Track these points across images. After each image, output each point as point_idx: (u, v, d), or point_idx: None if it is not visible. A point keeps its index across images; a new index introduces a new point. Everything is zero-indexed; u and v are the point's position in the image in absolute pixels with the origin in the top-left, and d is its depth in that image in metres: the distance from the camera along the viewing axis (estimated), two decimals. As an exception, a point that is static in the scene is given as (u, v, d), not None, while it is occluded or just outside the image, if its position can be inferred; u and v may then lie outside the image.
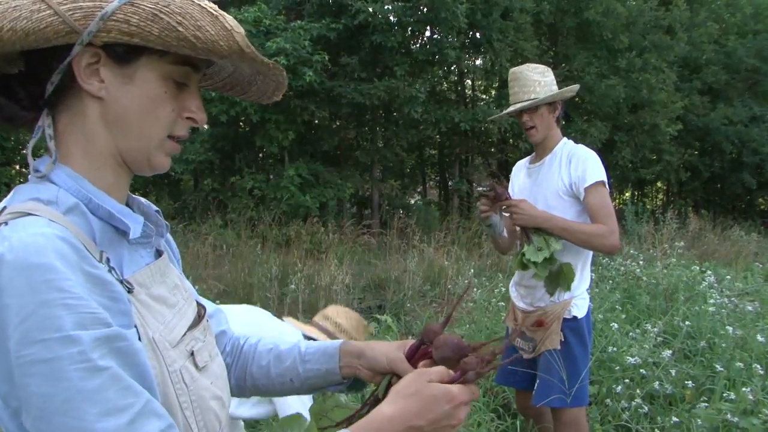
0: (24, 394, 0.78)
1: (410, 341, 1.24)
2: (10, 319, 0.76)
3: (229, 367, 1.32)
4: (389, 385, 1.18)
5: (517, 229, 3.08)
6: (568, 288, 2.97)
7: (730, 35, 22.48)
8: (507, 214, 3.07)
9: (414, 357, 1.20)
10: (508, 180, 3.46)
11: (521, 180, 3.32)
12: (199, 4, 0.88)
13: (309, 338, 2.99)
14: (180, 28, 0.85)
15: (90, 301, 0.80)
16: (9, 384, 0.79)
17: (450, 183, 21.25)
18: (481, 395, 4.10)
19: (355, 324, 3.09)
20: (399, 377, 1.16)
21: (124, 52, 0.91)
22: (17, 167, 14.66)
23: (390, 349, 1.23)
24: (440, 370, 1.06)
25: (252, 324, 2.91)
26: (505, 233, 3.26)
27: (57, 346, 0.76)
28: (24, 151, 0.96)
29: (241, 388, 1.34)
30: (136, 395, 0.81)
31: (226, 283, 8.56)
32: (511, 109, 3.11)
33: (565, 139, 3.18)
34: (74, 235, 0.84)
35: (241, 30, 0.91)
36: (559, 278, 2.97)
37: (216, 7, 0.90)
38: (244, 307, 3.25)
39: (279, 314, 7.26)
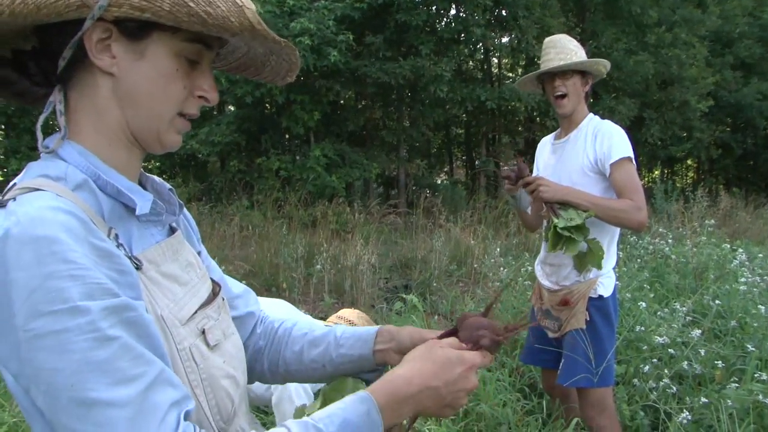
0: (31, 371, 0.77)
1: (439, 332, 1.24)
2: (18, 294, 0.76)
3: (262, 351, 1.32)
4: None
5: (544, 207, 3.03)
6: (599, 266, 2.93)
7: (765, 7, 21.93)
8: (530, 193, 3.01)
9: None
10: (534, 158, 3.42)
11: (546, 156, 3.28)
12: None
13: None
14: (191, 4, 0.84)
15: (97, 272, 0.79)
16: (18, 362, 0.79)
17: (477, 162, 21.16)
18: (507, 375, 4.09)
19: (365, 322, 3.31)
20: None
21: (135, 28, 0.91)
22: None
23: (415, 331, 1.25)
24: (450, 341, 1.10)
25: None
26: (529, 210, 3.23)
27: (65, 318, 0.76)
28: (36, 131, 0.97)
29: (274, 373, 1.33)
30: (149, 363, 0.81)
31: (252, 264, 8.62)
32: (545, 69, 3.04)
33: (591, 114, 3.12)
34: (82, 210, 0.84)
35: (252, 6, 0.89)
36: (587, 256, 2.93)
37: None
38: (275, 301, 3.28)
39: (305, 294, 7.33)
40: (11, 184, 0.90)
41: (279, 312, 3.06)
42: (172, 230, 1.11)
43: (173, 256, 1.04)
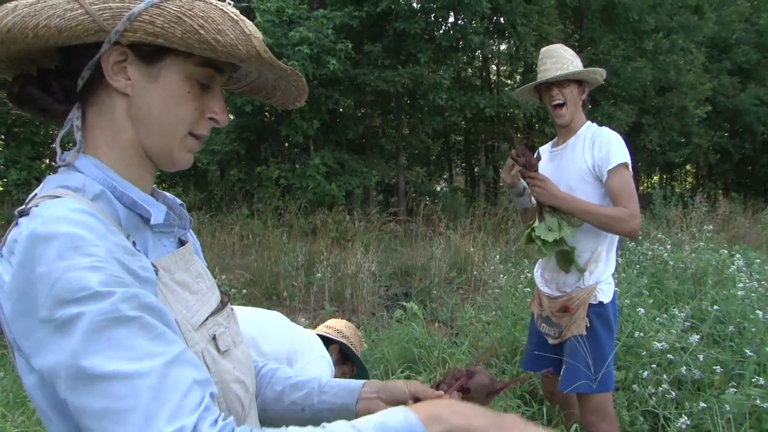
0: (54, 358, 0.79)
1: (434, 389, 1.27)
2: (42, 287, 0.79)
3: None
4: None
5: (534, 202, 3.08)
6: (567, 270, 2.97)
7: (761, 13, 22.05)
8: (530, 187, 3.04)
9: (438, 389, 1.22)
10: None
11: (543, 164, 3.30)
12: (221, 9, 0.92)
13: (323, 337, 3.18)
14: (201, 31, 0.90)
15: (117, 267, 0.83)
16: (43, 354, 0.81)
17: (476, 169, 21.19)
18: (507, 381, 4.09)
19: (353, 332, 3.36)
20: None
21: (149, 52, 0.96)
22: (47, 161, 14.85)
23: (410, 381, 1.28)
24: None
25: (259, 328, 2.92)
26: (533, 201, 3.24)
27: (86, 303, 0.79)
28: (53, 146, 1.02)
29: None
30: (170, 343, 0.83)
31: (253, 273, 8.63)
32: (543, 79, 3.08)
33: (588, 122, 3.16)
34: (102, 215, 0.88)
35: (260, 35, 0.94)
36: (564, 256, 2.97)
37: (237, 12, 0.94)
38: (270, 312, 3.28)
39: (306, 302, 7.33)
40: (32, 195, 0.95)
41: (273, 324, 3.08)
42: (181, 243, 1.15)
43: (185, 266, 1.08)
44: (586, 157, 3.01)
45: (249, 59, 0.94)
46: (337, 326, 3.33)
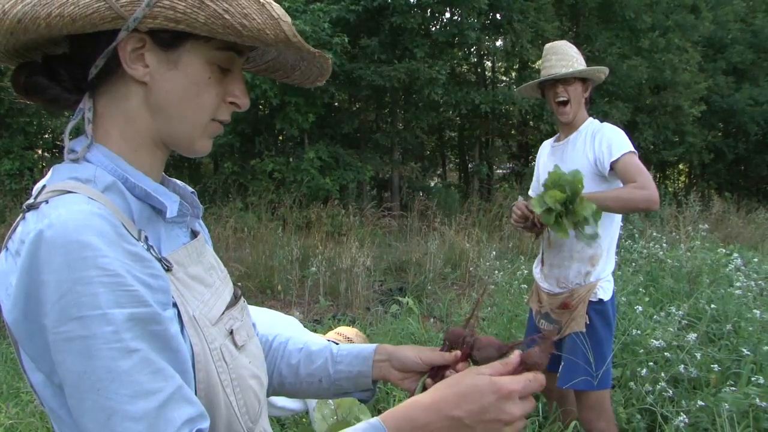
0: (61, 371, 0.79)
1: (436, 348, 1.23)
2: (48, 296, 0.77)
3: None
4: (425, 388, 1.16)
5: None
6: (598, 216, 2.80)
7: (757, 13, 22.09)
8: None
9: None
10: (527, 162, 3.43)
11: (544, 159, 3.31)
12: None
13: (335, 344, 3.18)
14: (226, 16, 0.85)
15: (128, 278, 0.80)
16: (50, 361, 0.80)
17: (470, 165, 21.19)
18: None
19: (362, 340, 3.39)
20: (433, 375, 1.16)
21: (169, 38, 0.91)
22: (39, 151, 14.76)
23: (419, 348, 1.24)
24: (494, 364, 0.98)
25: (275, 331, 2.92)
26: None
27: (93, 324, 0.77)
28: (45, 136, 0.96)
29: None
30: (167, 379, 0.81)
31: (248, 266, 8.62)
32: (548, 76, 3.06)
33: (590, 118, 3.15)
34: (113, 213, 0.84)
35: (288, 19, 0.89)
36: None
37: None
38: (286, 318, 3.29)
39: (300, 296, 7.31)
40: (40, 186, 0.91)
41: (288, 328, 3.08)
42: (193, 233, 1.11)
43: (198, 259, 1.05)
44: (587, 153, 3.01)
45: (276, 44, 0.89)
46: (347, 334, 3.37)
